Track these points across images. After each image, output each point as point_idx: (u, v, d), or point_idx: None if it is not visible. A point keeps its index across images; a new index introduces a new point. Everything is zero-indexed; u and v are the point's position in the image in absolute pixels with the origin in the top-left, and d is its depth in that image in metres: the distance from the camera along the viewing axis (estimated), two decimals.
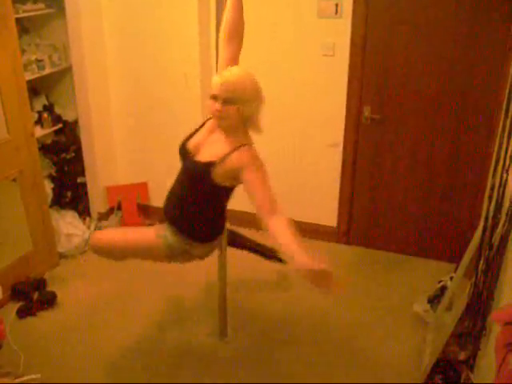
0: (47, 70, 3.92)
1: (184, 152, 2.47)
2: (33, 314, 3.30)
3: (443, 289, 3.23)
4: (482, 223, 2.61)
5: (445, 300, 3.06)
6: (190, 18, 3.70)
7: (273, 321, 3.29)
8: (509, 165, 2.23)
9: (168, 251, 2.56)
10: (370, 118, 3.66)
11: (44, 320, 3.28)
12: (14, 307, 3.32)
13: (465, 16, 3.25)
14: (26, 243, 3.55)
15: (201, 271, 3.72)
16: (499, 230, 2.30)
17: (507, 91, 2.36)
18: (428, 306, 3.26)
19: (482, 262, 2.46)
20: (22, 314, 3.29)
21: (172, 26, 3.77)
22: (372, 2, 3.41)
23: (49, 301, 3.38)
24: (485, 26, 3.23)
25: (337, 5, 3.45)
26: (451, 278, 3.20)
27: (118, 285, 3.62)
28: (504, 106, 2.33)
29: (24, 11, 3.66)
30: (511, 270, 2.18)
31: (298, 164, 3.98)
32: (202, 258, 2.68)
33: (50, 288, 3.51)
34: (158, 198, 4.37)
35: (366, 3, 3.40)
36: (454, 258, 3.45)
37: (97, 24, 3.90)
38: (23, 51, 3.74)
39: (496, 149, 2.44)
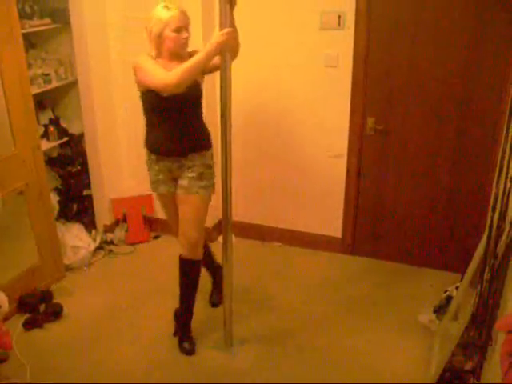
0: (53, 84, 3.96)
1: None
2: (39, 326, 3.31)
3: (449, 299, 3.23)
4: (486, 233, 2.61)
5: (450, 310, 3.06)
6: (194, 32, 3.72)
7: (277, 331, 3.29)
8: None
9: (211, 190, 2.94)
10: (374, 129, 3.68)
11: (50, 332, 3.29)
12: (20, 319, 3.33)
13: (468, 25, 3.27)
14: (33, 256, 3.57)
15: (206, 283, 3.73)
16: (504, 239, 2.31)
17: (510, 100, 2.38)
18: (434, 316, 3.25)
19: (486, 271, 2.46)
20: (29, 325, 3.30)
21: None
22: (374, 14, 3.43)
23: (55, 313, 3.39)
24: (488, 35, 3.25)
25: (339, 17, 3.48)
26: (457, 288, 3.19)
27: (124, 297, 3.63)
28: (507, 115, 2.34)
29: (30, 26, 3.71)
30: None
31: (303, 175, 3.99)
32: None
33: (56, 300, 3.53)
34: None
35: (368, 14, 3.43)
36: (460, 267, 3.44)
37: (102, 38, 3.94)
38: (30, 65, 3.79)
39: (499, 157, 2.45)
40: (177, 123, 2.84)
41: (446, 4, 3.29)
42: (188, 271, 3.03)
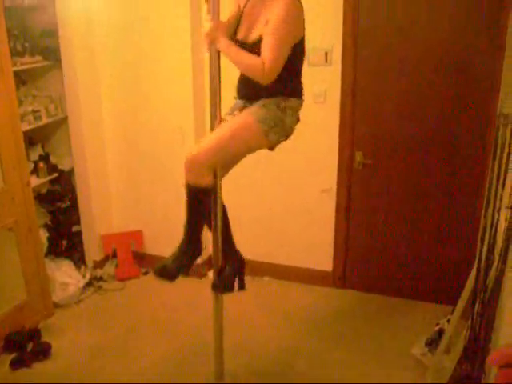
0: (43, 121, 3.98)
1: (240, 45, 2.47)
2: (27, 366, 3.24)
3: (441, 332, 3.22)
4: (475, 265, 2.62)
5: (443, 343, 3.05)
6: (184, 71, 3.78)
7: (268, 366, 3.26)
8: (499, 205, 2.27)
9: (263, 124, 2.47)
10: (363, 163, 3.71)
11: (38, 372, 3.23)
12: (7, 358, 3.27)
13: (454, 59, 3.36)
14: (21, 293, 3.52)
15: (196, 318, 3.70)
16: (493, 271, 2.32)
17: (495, 132, 2.42)
18: (426, 350, 3.24)
19: (477, 304, 2.46)
20: (16, 365, 3.23)
21: (167, 79, 3.86)
22: (360, 49, 3.50)
23: (43, 352, 3.33)
24: (472, 68, 3.33)
25: (326, 53, 3.54)
26: (448, 321, 3.19)
27: (113, 335, 3.58)
28: (492, 147, 2.38)
29: (22, 64, 3.74)
30: (507, 311, 2.18)
31: (293, 209, 4.01)
32: (290, 130, 2.66)
33: (44, 338, 3.46)
34: (154, 246, 4.40)
35: (354, 50, 3.50)
36: (451, 300, 3.44)
37: (92, 75, 3.98)
38: (20, 102, 3.80)
39: (487, 190, 2.48)
40: None
41: (431, 39, 3.37)
42: (186, 196, 2.61)
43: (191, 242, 2.72)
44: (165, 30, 3.76)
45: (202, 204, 2.63)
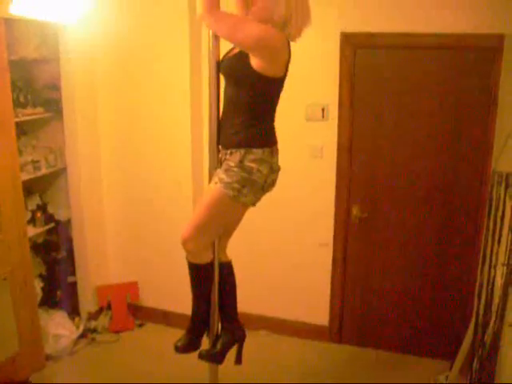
0: (43, 171, 4.00)
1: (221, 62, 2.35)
2: None
3: None
4: (473, 320, 2.61)
5: None
6: (182, 123, 3.85)
7: None
8: (495, 262, 2.28)
9: (230, 190, 2.31)
10: (359, 217, 3.74)
11: None
12: None
13: (448, 117, 3.44)
14: (13, 344, 3.45)
15: (191, 372, 3.64)
16: (491, 327, 2.31)
17: (489, 188, 2.46)
18: None
19: (476, 360, 2.44)
20: None
21: (165, 130, 3.92)
22: (356, 105, 3.58)
23: None
24: (466, 123, 3.41)
25: (323, 109, 3.62)
26: (447, 377, 3.15)
27: None
28: (487, 204, 2.41)
29: (23, 115, 3.79)
30: (507, 367, 2.16)
31: (289, 263, 4.00)
32: (267, 185, 2.43)
33: None
34: (149, 298, 4.36)
35: (350, 106, 3.58)
36: (449, 354, 3.40)
37: (92, 127, 4.04)
38: (20, 152, 3.83)
39: (482, 246, 2.50)
40: (224, 103, 2.42)
41: (425, 95, 3.46)
42: (188, 271, 2.57)
43: (202, 320, 2.62)
44: (165, 86, 3.84)
45: (206, 279, 2.56)
